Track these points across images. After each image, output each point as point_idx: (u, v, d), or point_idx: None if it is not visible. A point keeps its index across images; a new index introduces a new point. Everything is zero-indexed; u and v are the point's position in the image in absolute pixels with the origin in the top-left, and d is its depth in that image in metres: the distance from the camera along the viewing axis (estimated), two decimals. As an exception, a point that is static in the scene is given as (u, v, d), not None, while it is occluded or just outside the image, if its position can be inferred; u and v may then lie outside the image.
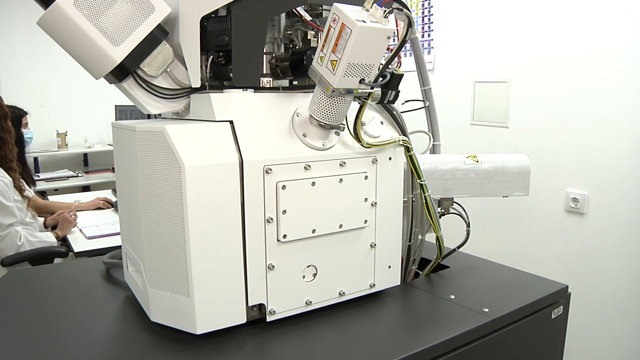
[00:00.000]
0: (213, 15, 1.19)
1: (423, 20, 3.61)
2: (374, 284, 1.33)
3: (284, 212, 1.13)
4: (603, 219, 2.67)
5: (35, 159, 5.76)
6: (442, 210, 1.53)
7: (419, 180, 1.35)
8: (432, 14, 3.53)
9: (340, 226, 1.23)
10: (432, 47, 3.54)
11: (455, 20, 3.41)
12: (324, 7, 1.31)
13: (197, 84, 1.18)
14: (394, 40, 1.10)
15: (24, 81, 5.84)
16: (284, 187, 1.12)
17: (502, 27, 3.11)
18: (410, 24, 1.09)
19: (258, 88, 1.22)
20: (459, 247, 1.57)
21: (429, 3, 3.55)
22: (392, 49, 1.11)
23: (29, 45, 5.71)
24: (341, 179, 1.20)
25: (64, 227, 3.01)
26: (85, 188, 5.44)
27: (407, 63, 1.81)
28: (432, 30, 3.53)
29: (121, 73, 1.14)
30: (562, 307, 1.41)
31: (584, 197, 2.73)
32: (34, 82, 5.91)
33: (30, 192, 3.19)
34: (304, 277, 1.21)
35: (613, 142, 2.59)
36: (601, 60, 2.61)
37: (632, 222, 2.55)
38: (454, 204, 1.54)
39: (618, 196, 2.60)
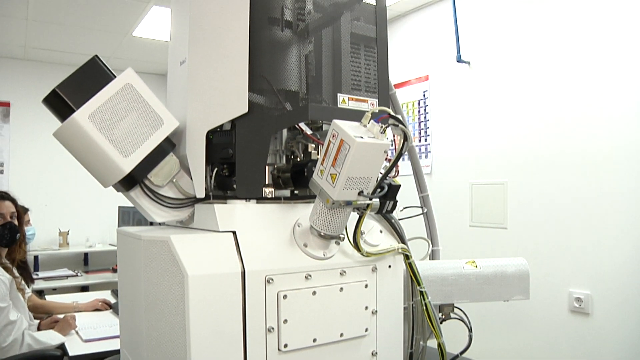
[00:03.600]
0: (218, 130, 1.25)
1: (420, 125, 3.74)
2: (376, 394, 1.30)
3: (285, 321, 1.13)
4: (609, 318, 2.63)
5: (36, 257, 5.73)
6: (443, 316, 1.52)
7: (418, 287, 1.35)
8: (428, 120, 3.67)
9: (341, 335, 1.22)
10: (430, 152, 3.65)
11: (451, 124, 3.54)
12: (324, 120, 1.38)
13: (201, 194, 1.22)
14: (392, 146, 1.15)
15: (29, 179, 5.95)
16: (285, 296, 1.13)
17: (497, 130, 3.22)
18: (406, 138, 1.14)
19: (260, 198, 1.25)
20: (462, 352, 1.55)
21: (424, 109, 3.70)
22: (390, 159, 1.16)
23: (35, 145, 5.87)
24: (341, 288, 1.21)
25: (63, 329, 2.96)
26: (84, 288, 5.38)
27: (405, 167, 1.85)
28: (429, 135, 3.66)
29: (129, 183, 1.18)
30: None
31: (587, 297, 2.71)
32: (39, 180, 6.02)
33: (28, 291, 3.17)
34: (305, 388, 1.19)
35: (613, 240, 2.61)
36: (596, 160, 2.69)
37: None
38: (455, 308, 1.54)
39: (623, 294, 2.58)
